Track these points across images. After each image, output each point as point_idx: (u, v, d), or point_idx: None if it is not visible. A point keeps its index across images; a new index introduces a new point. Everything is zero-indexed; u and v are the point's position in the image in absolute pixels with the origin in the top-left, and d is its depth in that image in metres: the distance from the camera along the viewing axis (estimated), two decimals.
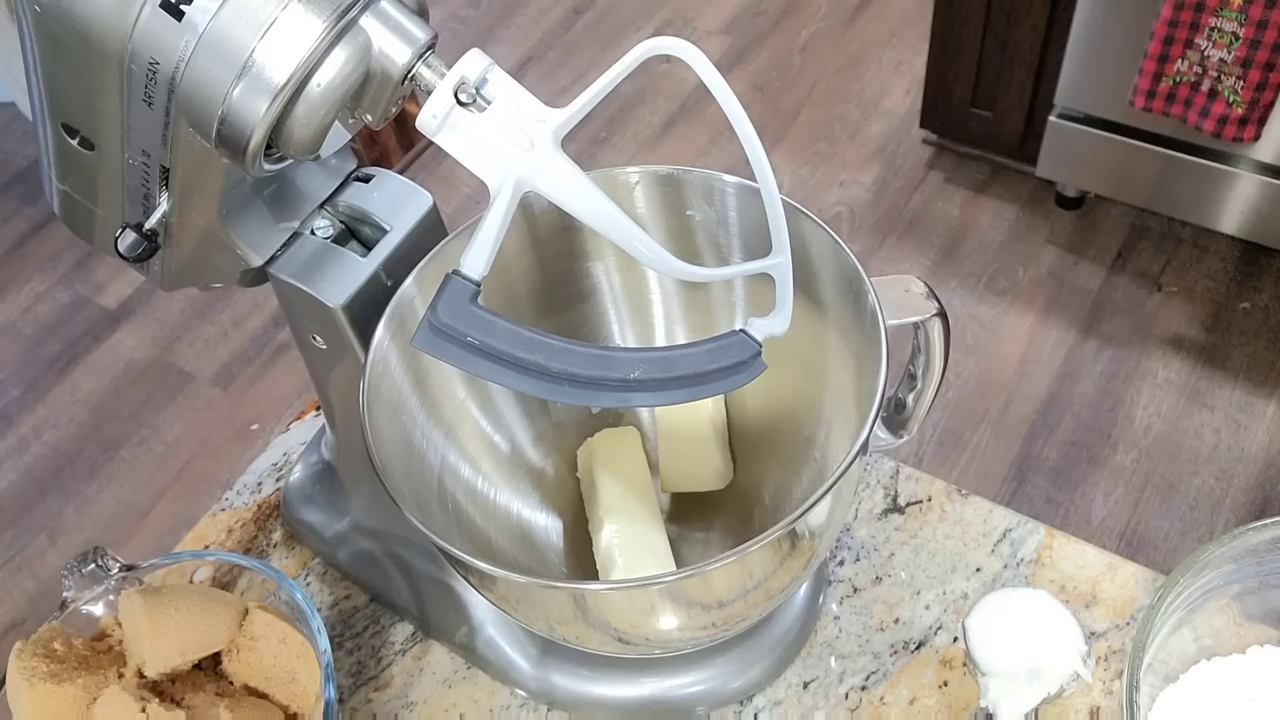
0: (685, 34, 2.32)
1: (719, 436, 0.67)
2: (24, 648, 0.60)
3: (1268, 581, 0.60)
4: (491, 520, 0.64)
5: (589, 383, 0.46)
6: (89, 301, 2.09)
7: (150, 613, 0.60)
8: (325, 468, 0.74)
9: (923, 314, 0.54)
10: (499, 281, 0.59)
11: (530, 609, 0.55)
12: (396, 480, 0.52)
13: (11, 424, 1.92)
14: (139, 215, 0.52)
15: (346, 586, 0.74)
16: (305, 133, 0.44)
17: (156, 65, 0.43)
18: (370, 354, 0.55)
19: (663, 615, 0.53)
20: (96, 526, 1.77)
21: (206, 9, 0.41)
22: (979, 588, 0.68)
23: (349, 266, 0.56)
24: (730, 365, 0.48)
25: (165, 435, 1.88)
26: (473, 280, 0.46)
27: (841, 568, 0.70)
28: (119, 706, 0.58)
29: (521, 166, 0.46)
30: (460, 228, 0.60)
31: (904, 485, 0.73)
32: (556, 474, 0.70)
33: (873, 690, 0.65)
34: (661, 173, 0.60)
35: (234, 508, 0.79)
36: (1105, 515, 1.61)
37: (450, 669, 0.69)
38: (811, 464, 0.64)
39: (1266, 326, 1.78)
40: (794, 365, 0.62)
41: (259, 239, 0.56)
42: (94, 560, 0.63)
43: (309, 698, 0.61)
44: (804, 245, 0.57)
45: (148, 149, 0.48)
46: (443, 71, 0.45)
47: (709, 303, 0.67)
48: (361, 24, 0.43)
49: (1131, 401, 1.72)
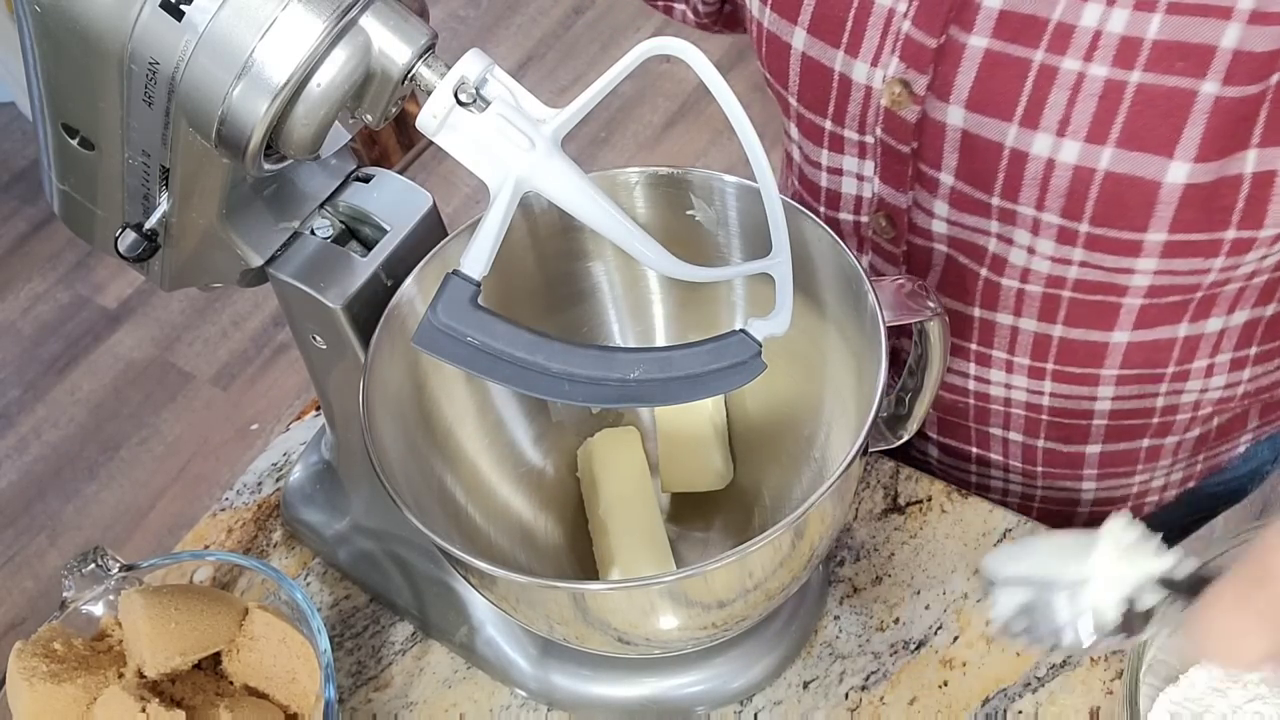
0: (685, 34, 2.31)
1: (719, 436, 0.67)
2: (24, 648, 0.60)
3: None
4: (491, 520, 0.64)
5: (589, 383, 0.46)
6: (89, 301, 2.08)
7: (150, 613, 0.60)
8: (325, 468, 0.74)
9: (923, 314, 0.54)
10: (499, 281, 0.59)
11: (530, 609, 0.55)
12: (396, 480, 0.52)
13: (11, 424, 1.92)
14: (139, 215, 0.52)
15: (346, 586, 0.74)
16: (305, 133, 0.44)
17: (156, 65, 0.43)
18: (370, 354, 0.55)
19: (663, 615, 0.53)
20: (96, 526, 1.77)
21: (206, 9, 0.41)
22: (979, 588, 0.68)
23: (349, 266, 0.56)
24: (730, 365, 0.48)
25: (165, 435, 1.88)
26: (473, 280, 0.46)
27: (841, 568, 0.70)
28: (119, 706, 0.58)
29: (521, 166, 0.46)
30: (460, 228, 0.60)
31: (904, 485, 0.73)
32: (556, 474, 0.70)
33: (873, 690, 0.65)
34: (661, 173, 0.60)
35: (234, 508, 0.79)
36: None
37: (450, 669, 0.69)
38: (811, 464, 0.64)
39: None
40: (794, 365, 0.62)
41: (259, 239, 0.56)
42: (94, 560, 0.63)
43: (309, 698, 0.61)
44: (804, 245, 0.57)
45: (148, 149, 0.48)
46: (443, 71, 0.45)
47: (709, 303, 0.67)
48: (361, 24, 0.43)
49: None
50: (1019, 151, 0.55)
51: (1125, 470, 0.73)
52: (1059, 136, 0.53)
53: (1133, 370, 0.64)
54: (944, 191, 0.60)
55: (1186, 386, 0.66)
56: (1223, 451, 0.74)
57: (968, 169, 0.58)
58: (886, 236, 0.66)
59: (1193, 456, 0.73)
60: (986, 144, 0.56)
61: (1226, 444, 0.74)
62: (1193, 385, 0.66)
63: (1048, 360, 0.66)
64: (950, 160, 0.58)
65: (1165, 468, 0.73)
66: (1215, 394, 0.67)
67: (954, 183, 0.59)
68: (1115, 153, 0.52)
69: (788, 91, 0.65)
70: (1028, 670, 0.65)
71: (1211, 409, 0.68)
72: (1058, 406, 0.68)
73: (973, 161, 0.57)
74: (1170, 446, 0.71)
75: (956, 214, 0.61)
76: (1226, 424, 0.72)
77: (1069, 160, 0.53)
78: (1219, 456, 0.75)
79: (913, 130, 0.58)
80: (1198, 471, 0.75)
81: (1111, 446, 0.71)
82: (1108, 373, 0.65)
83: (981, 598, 0.68)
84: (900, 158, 0.60)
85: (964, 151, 0.57)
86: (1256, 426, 0.74)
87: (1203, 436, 0.71)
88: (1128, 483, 0.74)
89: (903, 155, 0.60)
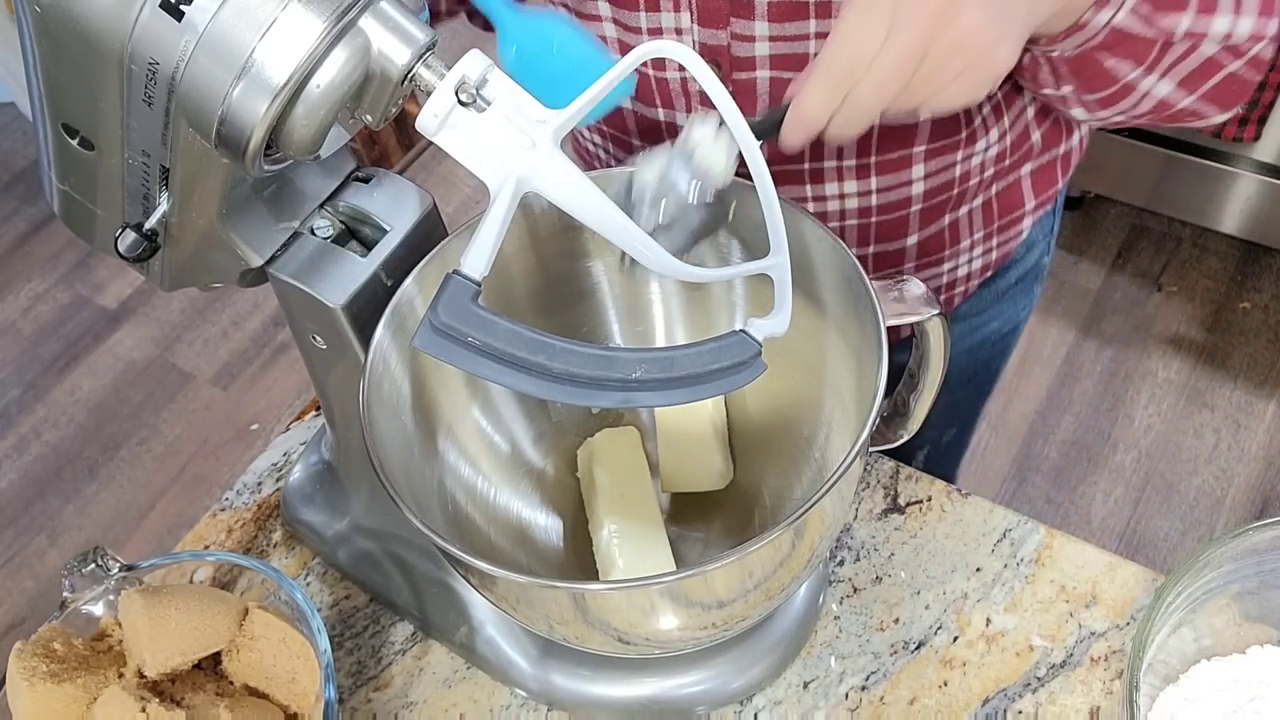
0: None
1: (719, 436, 0.68)
2: (24, 648, 0.60)
3: (1268, 581, 0.60)
4: (491, 520, 0.64)
5: (590, 383, 0.46)
6: (89, 301, 2.09)
7: (150, 613, 0.60)
8: (325, 468, 0.74)
9: (922, 314, 0.54)
10: (499, 281, 0.59)
11: (530, 609, 0.55)
12: (396, 480, 0.52)
13: (11, 424, 1.92)
14: (139, 215, 0.52)
15: (346, 586, 0.74)
16: (305, 133, 0.44)
17: (156, 65, 0.43)
18: (370, 354, 0.55)
19: (663, 615, 0.53)
20: (96, 526, 1.78)
21: (206, 9, 0.41)
22: (979, 588, 0.68)
23: (349, 266, 0.56)
24: (731, 365, 0.48)
25: (165, 435, 1.88)
26: (473, 280, 0.46)
27: (841, 568, 0.70)
28: (119, 706, 0.58)
29: (521, 166, 0.46)
30: (460, 227, 0.60)
31: (904, 485, 0.73)
32: (556, 474, 0.70)
33: (873, 690, 0.65)
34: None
35: (234, 508, 0.79)
36: (1105, 515, 1.61)
37: (450, 669, 0.69)
38: (811, 464, 0.64)
39: (1266, 326, 1.78)
40: (794, 365, 0.62)
41: (259, 239, 0.56)
42: (94, 560, 0.63)
43: (309, 698, 0.61)
44: (804, 245, 0.57)
45: (148, 149, 0.48)
46: (442, 72, 0.45)
47: (709, 303, 0.67)
48: (361, 25, 0.43)
49: (1131, 401, 1.72)
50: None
51: (936, 258, 0.81)
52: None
53: (936, 143, 0.71)
54: (761, 10, 0.62)
55: (975, 149, 0.73)
56: (1011, 237, 0.83)
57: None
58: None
59: (987, 240, 0.82)
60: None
61: (1012, 226, 0.82)
62: (979, 147, 0.73)
63: (870, 155, 0.71)
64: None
65: (966, 250, 0.81)
66: (993, 150, 0.74)
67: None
68: None
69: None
70: (1028, 670, 0.65)
71: (993, 170, 0.76)
72: (883, 203, 0.74)
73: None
74: (965, 219, 0.79)
75: (777, 27, 0.63)
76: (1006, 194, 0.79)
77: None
78: (1009, 243, 0.84)
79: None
80: (994, 261, 0.84)
81: (925, 232, 0.78)
82: (918, 149, 0.71)
83: (981, 597, 0.68)
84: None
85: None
86: (1034, 208, 0.82)
87: (987, 207, 0.79)
88: (938, 271, 0.82)
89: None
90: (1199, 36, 0.57)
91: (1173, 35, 0.56)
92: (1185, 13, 0.56)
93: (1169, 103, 0.62)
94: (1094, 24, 0.55)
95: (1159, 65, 0.59)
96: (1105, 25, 0.55)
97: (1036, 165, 0.80)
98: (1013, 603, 0.68)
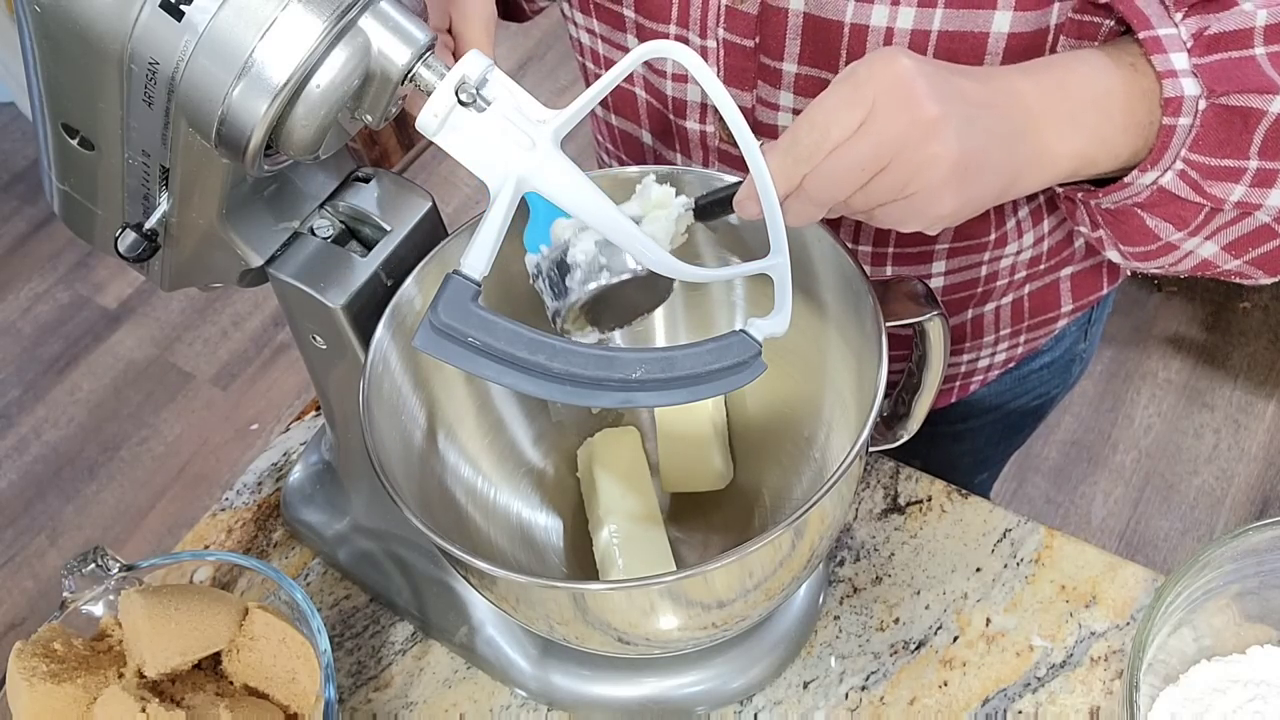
0: None
1: (719, 436, 0.68)
2: (24, 648, 0.60)
3: (1268, 581, 0.60)
4: (491, 520, 0.64)
5: (590, 383, 0.46)
6: (89, 301, 2.08)
7: (150, 613, 0.60)
8: (325, 468, 0.74)
9: (922, 315, 0.54)
10: (499, 281, 0.59)
11: (530, 609, 0.55)
12: (396, 480, 0.52)
13: (11, 424, 1.92)
14: (139, 215, 0.52)
15: (346, 586, 0.74)
16: (305, 133, 0.44)
17: (156, 65, 0.43)
18: (370, 354, 0.55)
19: (663, 615, 0.53)
20: (96, 526, 1.77)
21: (206, 9, 0.41)
22: (979, 588, 0.68)
23: (349, 266, 0.56)
24: (731, 365, 0.48)
25: (165, 435, 1.88)
26: (473, 280, 0.46)
27: (841, 568, 0.70)
28: (119, 706, 0.58)
29: (521, 166, 0.46)
30: (460, 227, 0.60)
31: (904, 485, 0.73)
32: (556, 474, 0.70)
33: (873, 690, 0.65)
34: (661, 173, 0.60)
35: (234, 508, 0.79)
36: (1105, 515, 1.61)
37: (450, 669, 0.69)
38: (811, 464, 0.64)
39: (1266, 326, 1.78)
40: (794, 365, 0.62)
41: (259, 239, 0.56)
42: (94, 560, 0.63)
43: (309, 698, 0.61)
44: (804, 246, 0.57)
45: (148, 149, 0.48)
46: (442, 72, 0.45)
47: (709, 303, 0.67)
48: (361, 25, 0.43)
49: (1131, 401, 1.72)
50: (859, 26, 0.57)
51: (955, 346, 0.78)
52: (894, 5, 0.55)
53: (961, 243, 0.69)
54: (788, 81, 0.62)
55: (1005, 251, 0.71)
56: (1041, 335, 0.80)
57: (811, 53, 0.60)
58: (733, 140, 0.68)
59: (1014, 336, 0.79)
60: (827, 24, 0.58)
61: (1043, 325, 0.80)
62: (1009, 249, 0.71)
63: (888, 245, 0.70)
64: (793, 48, 0.60)
65: (990, 344, 0.79)
66: (1026, 254, 0.72)
67: (798, 69, 0.61)
68: (946, 13, 0.55)
69: (623, 6, 0.66)
70: (1028, 670, 0.65)
71: (1025, 273, 0.74)
72: None
73: (815, 44, 0.59)
74: (990, 316, 0.76)
75: (802, 101, 0.62)
76: (1040, 294, 0.77)
77: (905, 26, 0.56)
78: (1037, 340, 0.81)
79: (754, 24, 0.60)
80: (1019, 354, 0.82)
81: None
82: (940, 247, 0.70)
83: (982, 597, 0.68)
84: (744, 54, 0.62)
85: (806, 36, 0.59)
86: (1071, 310, 0.79)
87: (1017, 306, 0.77)
88: (956, 361, 0.80)
89: (746, 51, 0.61)
90: (1253, 207, 0.53)
91: (1223, 204, 0.53)
92: (1239, 185, 0.52)
93: (1212, 263, 0.57)
94: (1137, 184, 0.52)
95: (1204, 229, 0.55)
96: (1149, 186, 0.52)
97: (1078, 269, 0.76)
98: (1013, 603, 0.68)
